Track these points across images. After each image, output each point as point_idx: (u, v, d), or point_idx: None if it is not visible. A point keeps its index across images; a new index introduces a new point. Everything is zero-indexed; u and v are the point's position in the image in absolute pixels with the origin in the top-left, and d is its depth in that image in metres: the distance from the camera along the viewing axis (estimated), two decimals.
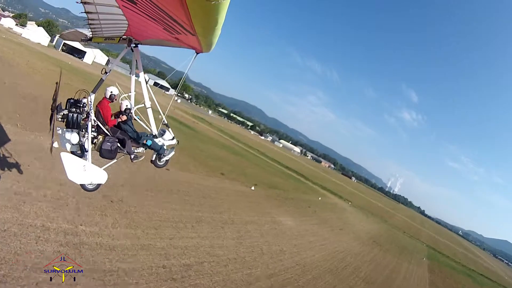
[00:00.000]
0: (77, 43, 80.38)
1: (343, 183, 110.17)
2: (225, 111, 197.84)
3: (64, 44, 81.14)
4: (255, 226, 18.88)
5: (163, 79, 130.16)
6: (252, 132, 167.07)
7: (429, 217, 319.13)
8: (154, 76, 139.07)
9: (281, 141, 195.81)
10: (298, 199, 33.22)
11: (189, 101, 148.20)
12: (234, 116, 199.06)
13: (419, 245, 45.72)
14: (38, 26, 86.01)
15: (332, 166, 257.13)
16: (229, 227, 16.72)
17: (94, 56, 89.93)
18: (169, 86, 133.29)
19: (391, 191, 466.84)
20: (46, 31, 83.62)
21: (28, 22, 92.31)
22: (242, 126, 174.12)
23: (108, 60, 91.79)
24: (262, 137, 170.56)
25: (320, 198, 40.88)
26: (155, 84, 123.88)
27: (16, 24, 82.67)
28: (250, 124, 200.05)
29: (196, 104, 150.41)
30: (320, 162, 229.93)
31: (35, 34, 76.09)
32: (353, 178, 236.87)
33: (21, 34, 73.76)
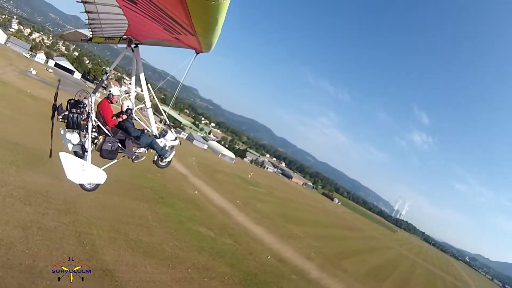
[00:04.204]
0: None
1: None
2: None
3: None
4: None
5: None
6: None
7: (435, 243, 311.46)
8: (62, 58, 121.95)
9: (210, 142, 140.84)
10: None
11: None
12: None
13: None
14: None
15: (310, 184, 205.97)
16: None
17: None
18: (74, 69, 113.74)
19: (398, 215, 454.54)
20: None
21: None
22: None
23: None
24: None
25: None
26: (57, 65, 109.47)
27: None
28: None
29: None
30: (291, 178, 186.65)
31: None
32: (336, 200, 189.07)
33: None
